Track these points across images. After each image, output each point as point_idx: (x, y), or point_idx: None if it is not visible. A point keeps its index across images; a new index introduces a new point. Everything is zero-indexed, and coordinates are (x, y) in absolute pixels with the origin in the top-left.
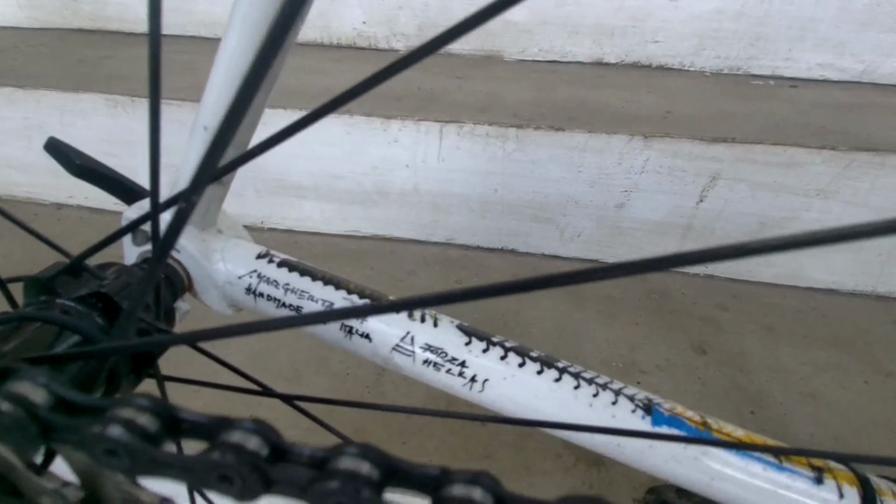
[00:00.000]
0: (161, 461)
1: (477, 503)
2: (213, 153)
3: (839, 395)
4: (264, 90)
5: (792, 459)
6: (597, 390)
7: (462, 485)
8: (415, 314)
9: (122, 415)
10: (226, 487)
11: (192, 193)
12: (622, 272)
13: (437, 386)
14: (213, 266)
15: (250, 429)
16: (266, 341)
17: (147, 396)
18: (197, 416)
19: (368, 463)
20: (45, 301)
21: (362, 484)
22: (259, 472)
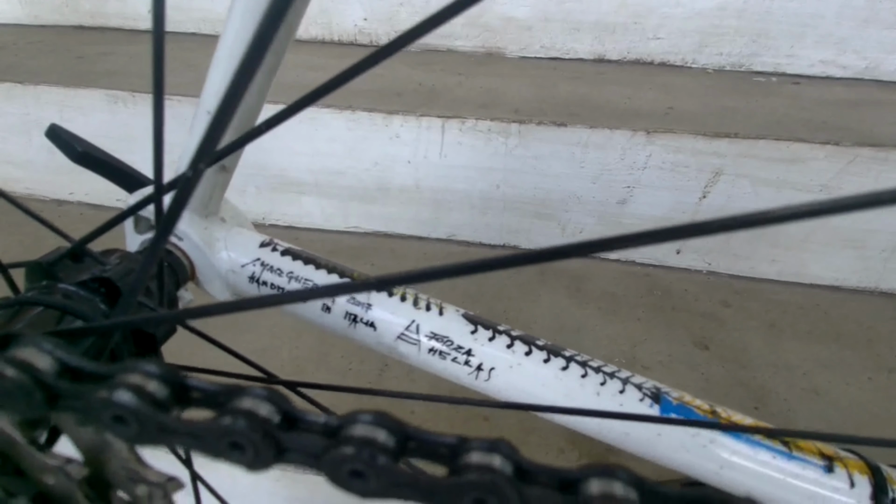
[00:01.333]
0: (168, 427)
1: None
2: (213, 133)
3: (843, 392)
4: (265, 76)
5: (802, 448)
6: (604, 379)
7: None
8: (420, 302)
9: (130, 380)
10: (237, 455)
11: (196, 164)
12: (621, 245)
13: (443, 375)
14: (216, 254)
15: (262, 395)
16: (269, 338)
17: (154, 362)
18: (206, 384)
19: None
20: (46, 286)
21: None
22: (271, 439)
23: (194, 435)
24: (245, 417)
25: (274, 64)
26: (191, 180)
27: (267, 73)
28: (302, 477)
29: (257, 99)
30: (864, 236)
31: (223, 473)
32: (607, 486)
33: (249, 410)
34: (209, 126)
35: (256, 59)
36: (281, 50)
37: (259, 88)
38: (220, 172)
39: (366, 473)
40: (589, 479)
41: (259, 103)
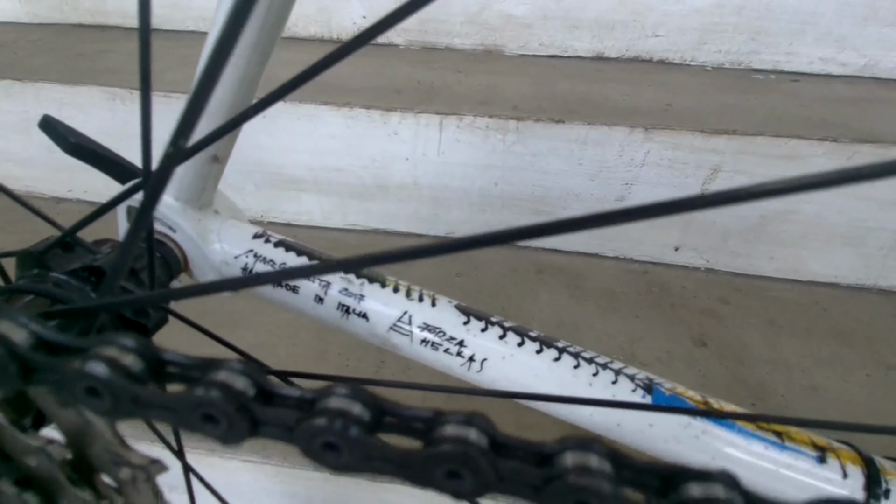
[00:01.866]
0: (141, 399)
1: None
2: (192, 111)
3: (841, 389)
4: (254, 67)
5: (794, 439)
6: (597, 370)
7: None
8: (412, 293)
9: (105, 353)
10: (210, 428)
11: (176, 142)
12: (627, 218)
13: (435, 366)
14: (209, 246)
15: (238, 369)
16: (265, 334)
17: (130, 335)
18: (182, 357)
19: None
20: (37, 275)
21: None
22: (245, 412)
23: (168, 407)
24: (219, 389)
25: (263, 54)
26: (172, 158)
27: (256, 64)
28: (300, 473)
29: (247, 90)
30: (864, 233)
31: (218, 470)
32: (582, 459)
33: (224, 383)
34: (188, 103)
35: (232, 38)
36: (269, 40)
37: (248, 79)
38: (213, 163)
39: (339, 446)
40: (564, 453)
41: (249, 95)
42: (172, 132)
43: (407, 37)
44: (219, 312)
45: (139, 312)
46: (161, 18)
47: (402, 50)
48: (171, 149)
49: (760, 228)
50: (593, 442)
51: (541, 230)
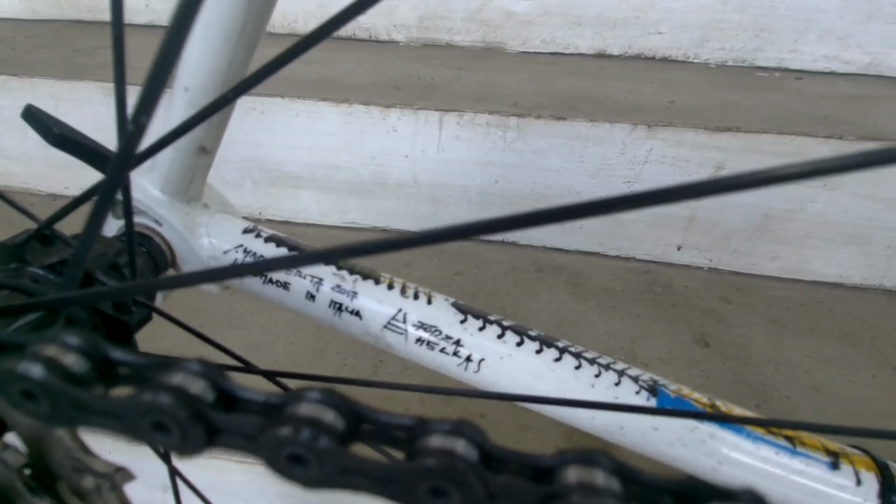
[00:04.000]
0: (85, 405)
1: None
2: (152, 86)
3: (846, 389)
4: (242, 53)
5: (806, 444)
6: (599, 371)
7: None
8: (407, 291)
9: (42, 351)
10: (162, 438)
11: (137, 119)
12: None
13: (431, 366)
14: (198, 240)
15: (195, 371)
16: (262, 333)
17: (76, 333)
18: (134, 357)
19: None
20: (14, 269)
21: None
22: (201, 419)
23: (111, 413)
24: (170, 394)
25: (250, 42)
26: (134, 136)
27: (242, 51)
28: None
29: (233, 78)
30: (868, 233)
31: (212, 470)
32: (587, 474)
33: (177, 386)
34: (149, 74)
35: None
36: (256, 27)
37: (235, 67)
38: (200, 155)
39: (307, 458)
40: (566, 467)
41: (236, 83)
42: (133, 108)
43: (407, 33)
44: (215, 312)
45: (120, 309)
46: (159, 14)
47: (402, 47)
48: (132, 126)
49: (764, 227)
50: (599, 454)
51: (538, 218)
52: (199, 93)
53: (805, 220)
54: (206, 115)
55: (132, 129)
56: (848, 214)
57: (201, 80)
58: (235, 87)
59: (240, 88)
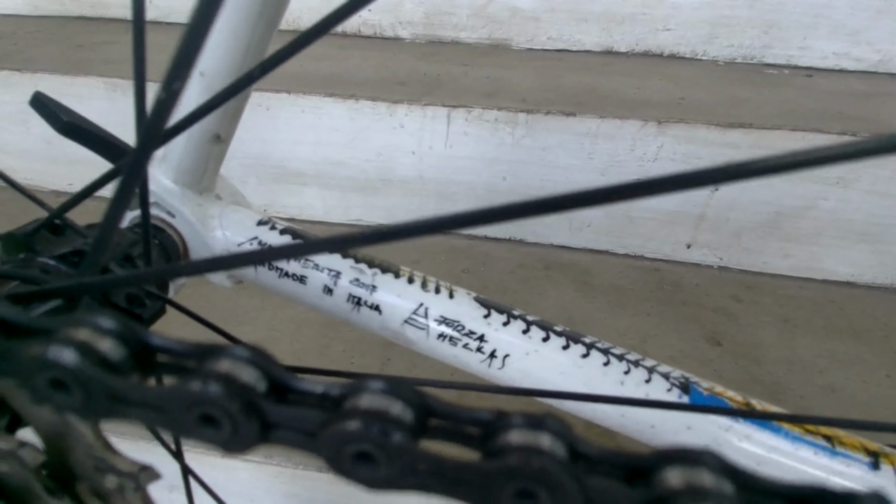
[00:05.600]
0: (120, 394)
1: None
2: (181, 61)
3: (860, 389)
4: (257, 41)
5: (845, 444)
6: (628, 367)
7: None
8: (428, 285)
9: (74, 336)
10: (210, 433)
11: (169, 85)
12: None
13: (453, 363)
14: (211, 233)
15: (243, 357)
16: (268, 330)
17: (108, 315)
18: (175, 343)
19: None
20: (23, 259)
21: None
22: (254, 411)
23: (155, 405)
24: (220, 383)
25: (268, 24)
26: (165, 103)
27: (261, 34)
28: (302, 474)
29: (251, 63)
30: (881, 230)
31: (219, 469)
32: (693, 476)
33: (227, 374)
34: (185, 34)
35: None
36: (275, 9)
37: (252, 52)
38: (215, 143)
39: (375, 456)
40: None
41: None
42: (166, 72)
43: (412, 30)
44: (221, 308)
45: (133, 301)
46: (164, 11)
47: (408, 44)
48: (164, 93)
49: (775, 225)
50: (703, 453)
51: (543, 206)
52: (215, 78)
53: (817, 217)
54: (224, 98)
55: (163, 97)
56: (860, 212)
57: (218, 64)
58: (254, 69)
59: (259, 70)
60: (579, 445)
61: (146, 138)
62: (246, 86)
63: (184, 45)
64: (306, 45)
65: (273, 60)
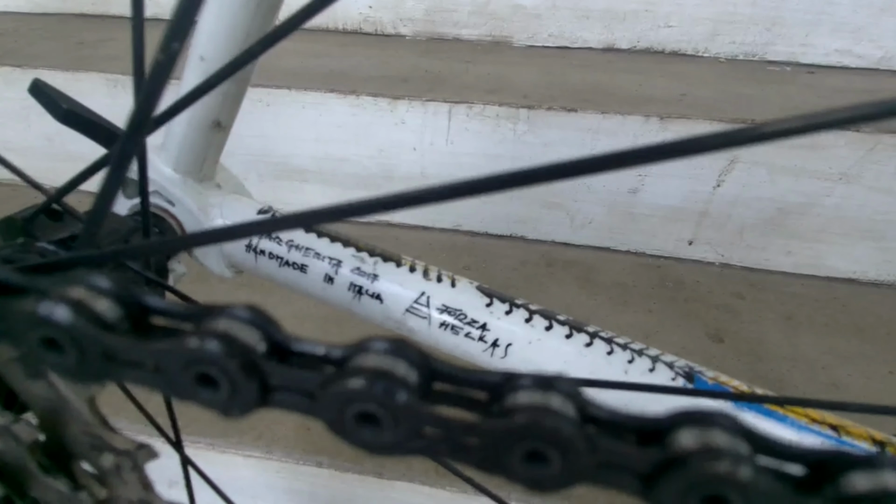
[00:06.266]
0: (117, 355)
1: None
2: (173, 34)
3: (863, 385)
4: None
5: (852, 433)
6: (632, 356)
7: None
8: (430, 273)
9: (67, 293)
10: (208, 394)
11: (168, 46)
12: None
13: (455, 352)
14: (211, 222)
15: (243, 317)
16: None
17: (105, 275)
18: (172, 305)
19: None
20: (22, 244)
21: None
22: (254, 371)
23: (150, 365)
24: (220, 341)
25: (268, 8)
26: (163, 66)
27: (261, 17)
28: (304, 469)
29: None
30: (884, 227)
31: (220, 465)
32: (707, 437)
33: (225, 333)
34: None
35: None
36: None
37: (253, 36)
38: (215, 130)
39: (380, 418)
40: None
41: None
42: (165, 31)
43: (413, 27)
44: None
45: None
46: (164, 7)
47: (409, 41)
48: (163, 55)
49: (778, 222)
50: (715, 414)
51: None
52: (215, 62)
53: (820, 214)
54: (221, 78)
55: (162, 59)
56: (864, 209)
57: (217, 48)
58: (253, 46)
59: (259, 47)
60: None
61: (143, 103)
62: (243, 65)
63: (182, 3)
64: (306, 19)
65: (270, 38)
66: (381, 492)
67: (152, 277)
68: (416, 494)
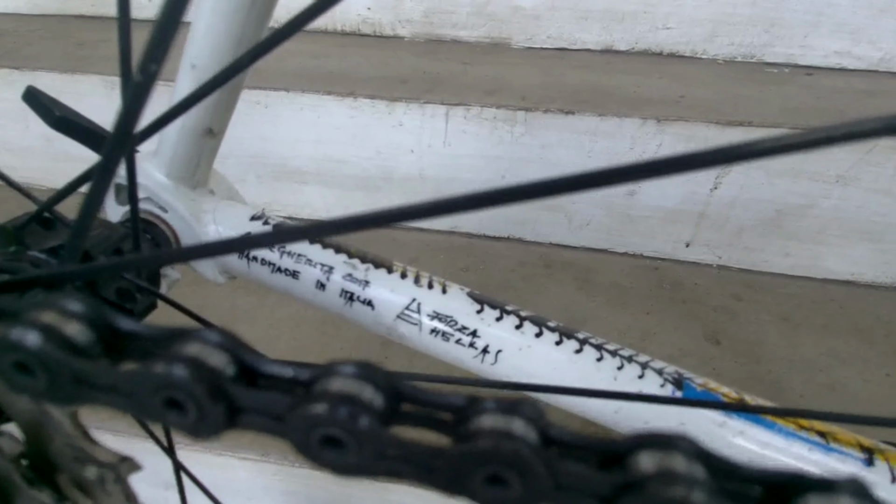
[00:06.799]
0: (87, 379)
1: None
2: (159, 41)
3: (860, 387)
4: (251, 30)
5: (840, 440)
6: (621, 363)
7: None
8: (421, 280)
9: (39, 318)
10: (176, 418)
11: (148, 62)
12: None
13: (446, 358)
14: (204, 228)
15: (213, 341)
16: (267, 328)
17: (79, 298)
18: (144, 327)
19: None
20: (13, 252)
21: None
22: (222, 395)
23: (118, 389)
24: (187, 366)
25: (261, 15)
26: (142, 86)
27: (252, 26)
28: (301, 472)
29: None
30: (882, 229)
31: (216, 468)
32: (666, 461)
33: (194, 357)
34: (159, 18)
35: None
36: (265, 2)
37: (245, 44)
38: (207, 137)
39: (343, 441)
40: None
41: None
42: (142, 54)
43: (412, 29)
44: (218, 307)
45: (123, 296)
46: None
47: (407, 42)
48: (140, 76)
49: (776, 224)
50: (678, 438)
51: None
52: (206, 71)
53: (819, 216)
54: (211, 88)
55: (140, 80)
56: (862, 210)
57: (209, 57)
58: (242, 57)
59: (248, 58)
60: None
61: (124, 121)
62: (234, 74)
63: (159, 26)
64: (298, 29)
65: (262, 48)
66: (377, 494)
67: (143, 285)
68: (411, 497)
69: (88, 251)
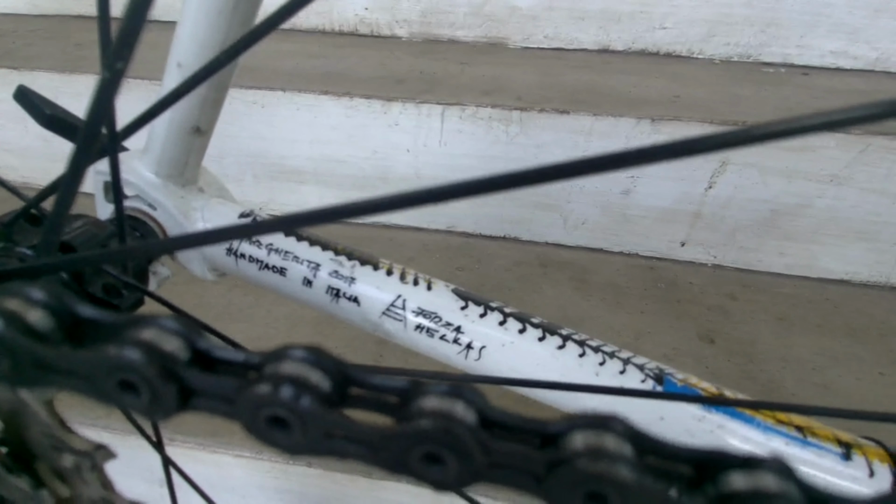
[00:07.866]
0: (45, 363)
1: None
2: (129, 28)
3: (854, 386)
4: (238, 25)
5: (818, 434)
6: (603, 359)
7: None
8: (407, 277)
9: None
10: (131, 400)
11: (116, 59)
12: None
13: (431, 354)
14: (193, 225)
15: (170, 327)
16: (262, 327)
17: (39, 284)
18: (103, 315)
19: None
20: (2, 249)
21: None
22: (174, 377)
23: (75, 371)
24: (140, 350)
25: (244, 16)
26: (110, 82)
27: (238, 24)
28: (295, 469)
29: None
30: (877, 228)
31: (210, 465)
32: (596, 439)
33: (148, 342)
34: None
35: None
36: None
37: (230, 42)
38: (195, 135)
39: (290, 422)
40: (573, 432)
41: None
42: (110, 51)
43: (409, 29)
44: (214, 306)
45: (110, 292)
46: (163, 9)
47: (404, 42)
48: (108, 73)
49: (771, 223)
50: (609, 419)
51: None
52: (192, 69)
53: (814, 215)
54: (192, 85)
55: (107, 76)
56: (857, 210)
57: (195, 55)
58: (220, 55)
59: (226, 56)
60: (491, 413)
61: (94, 113)
62: (215, 70)
63: (126, 23)
64: (275, 27)
65: (241, 44)
66: (371, 492)
67: (130, 281)
68: (405, 494)
69: (75, 247)
